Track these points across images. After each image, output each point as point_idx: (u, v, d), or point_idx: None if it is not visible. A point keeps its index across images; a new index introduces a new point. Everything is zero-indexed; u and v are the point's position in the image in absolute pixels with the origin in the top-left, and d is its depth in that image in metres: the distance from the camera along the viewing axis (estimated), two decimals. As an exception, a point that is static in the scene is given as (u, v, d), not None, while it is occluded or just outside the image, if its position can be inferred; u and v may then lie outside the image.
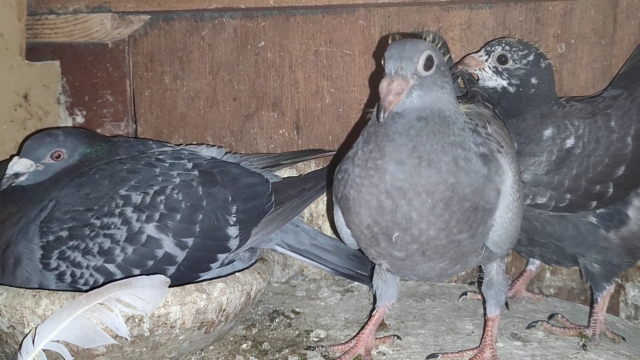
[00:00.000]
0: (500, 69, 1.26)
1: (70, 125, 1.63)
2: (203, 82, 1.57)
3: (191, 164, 1.23)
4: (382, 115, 0.89)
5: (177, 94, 1.59)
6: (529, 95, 1.25)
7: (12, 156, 1.25)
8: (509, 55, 1.25)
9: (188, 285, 1.07)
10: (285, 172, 1.55)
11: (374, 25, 1.48)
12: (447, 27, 1.46)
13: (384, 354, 1.15)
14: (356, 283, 1.50)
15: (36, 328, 0.98)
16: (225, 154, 1.34)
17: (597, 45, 1.42)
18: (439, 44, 1.08)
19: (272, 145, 1.57)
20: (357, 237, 1.04)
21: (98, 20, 1.53)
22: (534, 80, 1.25)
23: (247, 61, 1.55)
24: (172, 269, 1.14)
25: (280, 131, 1.57)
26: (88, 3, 1.52)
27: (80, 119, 1.63)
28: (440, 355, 1.13)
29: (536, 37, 1.43)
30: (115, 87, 1.60)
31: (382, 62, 0.93)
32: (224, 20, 1.54)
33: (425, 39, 0.98)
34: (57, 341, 0.97)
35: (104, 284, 1.03)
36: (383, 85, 0.91)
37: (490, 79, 1.27)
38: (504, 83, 1.26)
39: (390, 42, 0.96)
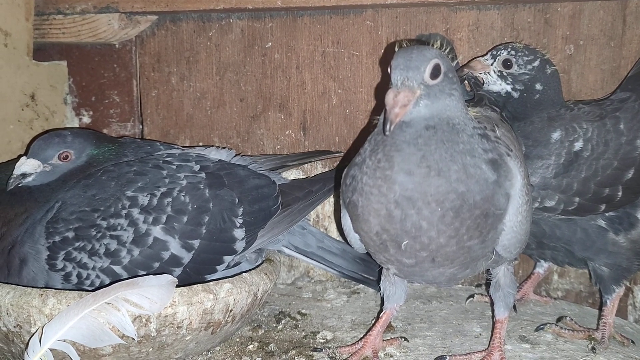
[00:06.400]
0: (505, 74, 1.25)
1: (77, 125, 1.63)
2: (210, 83, 1.57)
3: (198, 166, 1.22)
4: (388, 127, 0.88)
5: (183, 94, 1.59)
6: (533, 101, 1.25)
7: (19, 156, 1.25)
8: (514, 60, 1.25)
9: (195, 286, 1.07)
10: (292, 174, 1.55)
11: (382, 26, 1.48)
12: (455, 28, 1.45)
13: (391, 356, 1.15)
14: (362, 285, 1.49)
15: (43, 327, 0.98)
16: (234, 156, 1.34)
17: (606, 47, 1.41)
18: (447, 49, 1.07)
19: (278, 146, 1.57)
20: (365, 243, 1.04)
21: (105, 20, 1.53)
22: (538, 86, 1.25)
23: (254, 62, 1.55)
24: (177, 271, 1.13)
25: (287, 132, 1.56)
26: (95, 3, 1.52)
27: (86, 119, 1.63)
28: (448, 357, 1.12)
29: (544, 39, 1.42)
30: (122, 88, 1.60)
31: (389, 71, 0.92)
32: (231, 20, 1.54)
33: (432, 45, 0.97)
34: (64, 340, 0.97)
35: (109, 284, 1.03)
36: (389, 96, 0.89)
37: (495, 83, 1.27)
38: (508, 88, 1.26)
39: (396, 49, 0.95)
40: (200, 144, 1.59)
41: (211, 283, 1.09)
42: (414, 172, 0.91)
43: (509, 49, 1.26)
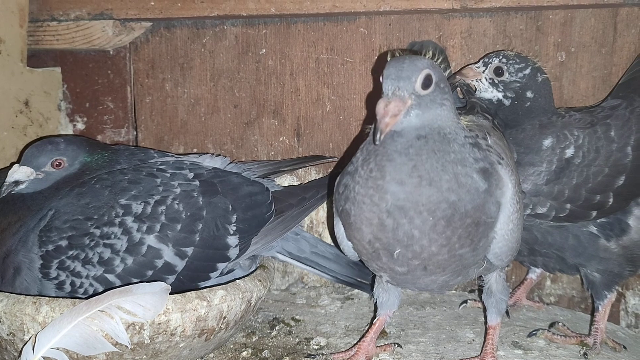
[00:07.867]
0: (496, 81, 1.26)
1: (71, 131, 1.63)
2: (204, 89, 1.58)
3: (192, 174, 1.23)
4: (378, 137, 0.89)
5: (177, 100, 1.59)
6: (524, 108, 1.26)
7: (12, 163, 1.25)
8: (505, 67, 1.26)
9: (189, 293, 1.07)
10: (285, 180, 1.55)
11: (375, 33, 1.48)
12: (448, 35, 1.46)
13: (384, 363, 1.16)
14: (356, 290, 1.50)
15: (36, 335, 0.98)
16: (228, 164, 1.34)
17: (597, 54, 1.42)
18: (439, 59, 1.07)
19: (272, 153, 1.57)
20: (358, 251, 1.04)
21: (99, 27, 1.53)
22: (529, 94, 1.26)
23: (248, 68, 1.55)
24: (171, 279, 1.14)
25: (281, 138, 1.57)
26: (90, 10, 1.52)
27: (80, 126, 1.63)
28: (440, 363, 1.13)
29: (536, 46, 1.43)
30: (116, 94, 1.61)
31: (381, 80, 0.93)
32: (225, 27, 1.54)
33: (424, 55, 0.98)
34: (57, 348, 0.97)
35: (103, 292, 1.03)
36: (380, 106, 0.90)
37: (486, 91, 1.27)
38: (499, 95, 1.27)
39: (389, 58, 0.95)
40: (195, 150, 1.60)
41: (205, 290, 1.10)
42: (405, 182, 0.92)
43: (501, 57, 1.27)
